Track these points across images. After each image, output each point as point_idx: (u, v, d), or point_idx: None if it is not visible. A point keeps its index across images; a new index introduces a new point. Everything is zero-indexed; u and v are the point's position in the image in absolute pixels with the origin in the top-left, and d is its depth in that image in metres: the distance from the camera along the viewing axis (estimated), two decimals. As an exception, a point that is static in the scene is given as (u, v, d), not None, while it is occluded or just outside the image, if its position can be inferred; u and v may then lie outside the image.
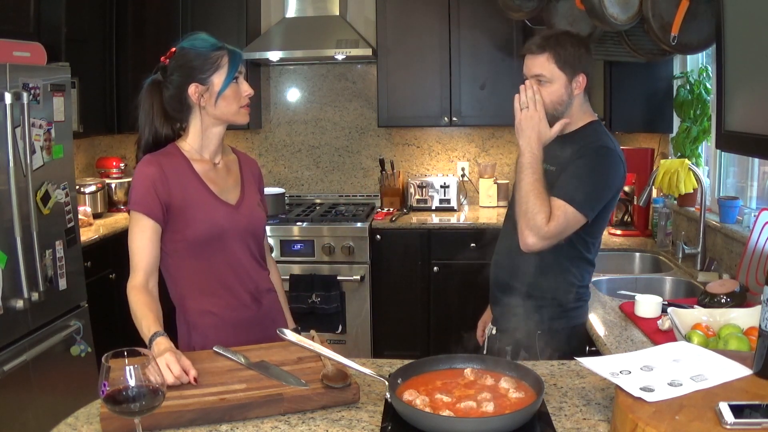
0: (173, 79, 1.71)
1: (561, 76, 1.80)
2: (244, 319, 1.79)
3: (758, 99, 1.63)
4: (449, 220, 3.96)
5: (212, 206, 1.74)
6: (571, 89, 1.82)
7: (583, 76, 1.83)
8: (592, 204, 1.76)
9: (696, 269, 2.60)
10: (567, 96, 1.82)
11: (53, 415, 1.49)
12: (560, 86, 1.81)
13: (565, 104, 1.83)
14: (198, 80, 1.69)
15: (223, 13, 4.05)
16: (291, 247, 3.81)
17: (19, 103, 2.49)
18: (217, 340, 1.66)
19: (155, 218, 1.67)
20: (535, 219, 1.73)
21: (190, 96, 1.70)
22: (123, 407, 1.08)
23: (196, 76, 1.69)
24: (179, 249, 1.73)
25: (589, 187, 1.76)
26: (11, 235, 2.48)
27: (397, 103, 4.07)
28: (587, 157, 1.79)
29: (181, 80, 1.70)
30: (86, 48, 3.80)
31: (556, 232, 1.74)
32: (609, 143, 1.82)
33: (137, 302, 1.63)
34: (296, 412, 1.33)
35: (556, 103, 1.81)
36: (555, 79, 1.80)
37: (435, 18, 3.97)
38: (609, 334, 1.92)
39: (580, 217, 1.75)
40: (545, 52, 1.80)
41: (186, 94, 1.70)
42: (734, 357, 1.26)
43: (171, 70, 1.71)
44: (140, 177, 1.70)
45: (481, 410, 1.25)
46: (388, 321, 3.90)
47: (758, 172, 2.56)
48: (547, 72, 1.80)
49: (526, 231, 1.75)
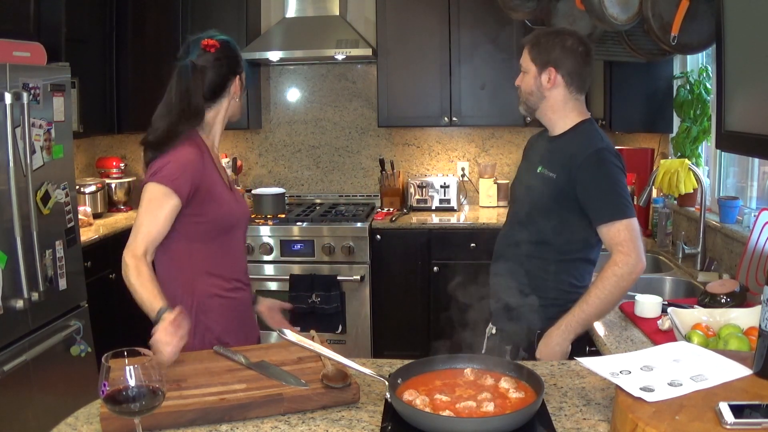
0: (220, 66, 1.79)
1: (532, 67, 1.91)
2: (244, 300, 1.90)
3: (758, 99, 1.63)
4: (449, 220, 3.96)
5: (228, 194, 1.84)
6: (540, 82, 1.90)
7: (553, 71, 1.88)
8: (626, 204, 1.81)
9: (696, 269, 2.60)
10: (536, 87, 1.91)
11: (53, 415, 1.48)
12: (530, 77, 1.92)
13: (536, 96, 1.92)
14: (240, 74, 1.84)
15: (223, 13, 4.05)
16: (291, 247, 3.81)
17: (19, 103, 2.49)
18: (224, 320, 1.80)
19: (181, 198, 1.69)
20: (622, 290, 1.79)
21: (232, 86, 1.82)
22: (123, 407, 1.08)
23: (240, 69, 1.84)
24: (199, 231, 1.77)
25: (612, 194, 1.81)
26: (11, 235, 2.48)
27: (397, 103, 4.08)
28: (591, 170, 1.82)
29: (227, 70, 1.80)
30: (86, 48, 3.80)
31: (635, 249, 1.77)
32: (599, 143, 1.86)
33: (143, 273, 1.63)
34: (296, 412, 1.33)
35: (527, 93, 1.94)
36: (528, 69, 1.93)
37: (435, 18, 3.97)
38: (609, 334, 1.92)
39: (631, 221, 1.79)
40: (527, 45, 1.94)
41: (229, 83, 1.81)
42: (734, 357, 1.26)
43: (218, 58, 1.78)
44: (180, 155, 1.71)
45: (481, 410, 1.25)
46: (388, 321, 3.90)
47: (758, 172, 2.56)
48: (523, 63, 1.95)
49: (631, 277, 1.79)
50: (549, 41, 1.90)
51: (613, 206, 1.80)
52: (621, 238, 1.78)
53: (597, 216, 1.82)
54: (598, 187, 1.82)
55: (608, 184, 1.82)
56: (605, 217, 1.80)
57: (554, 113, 1.93)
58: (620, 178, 1.84)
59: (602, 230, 1.82)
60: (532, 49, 1.91)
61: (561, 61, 1.88)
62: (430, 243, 3.83)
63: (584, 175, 1.82)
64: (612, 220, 1.79)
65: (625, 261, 1.77)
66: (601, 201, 1.81)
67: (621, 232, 1.78)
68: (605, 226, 1.80)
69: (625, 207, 1.80)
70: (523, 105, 1.97)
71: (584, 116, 1.94)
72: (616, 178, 1.82)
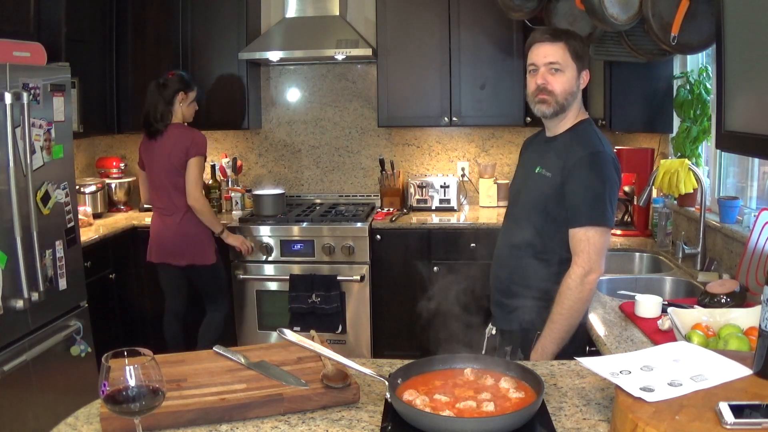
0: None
1: (573, 66, 1.86)
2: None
3: (758, 99, 1.63)
4: (449, 220, 3.96)
5: None
6: (579, 82, 1.89)
7: (587, 72, 1.90)
8: (605, 212, 1.80)
9: (696, 269, 2.60)
10: (576, 87, 1.89)
11: (53, 415, 1.49)
12: (572, 76, 1.87)
13: (573, 95, 1.89)
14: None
15: (223, 13, 4.05)
16: (291, 247, 3.81)
17: (19, 103, 2.49)
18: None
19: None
20: (581, 300, 1.81)
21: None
22: (123, 407, 1.08)
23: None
24: None
25: (596, 200, 1.80)
26: (11, 235, 2.48)
27: (397, 103, 4.07)
28: (581, 172, 1.81)
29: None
30: (86, 48, 3.80)
31: (595, 260, 1.78)
32: (597, 146, 1.85)
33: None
34: (296, 412, 1.33)
35: (567, 93, 1.87)
36: (568, 68, 1.86)
37: (435, 18, 3.97)
38: (609, 334, 1.92)
39: (604, 230, 1.79)
40: (561, 42, 1.86)
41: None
42: (734, 357, 1.26)
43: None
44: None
45: (481, 410, 1.25)
46: (388, 321, 3.90)
47: (758, 172, 2.56)
48: (561, 60, 1.85)
49: (585, 287, 1.81)
50: (579, 41, 1.88)
51: (592, 211, 1.79)
52: (582, 247, 1.79)
53: (573, 218, 1.81)
54: (583, 190, 1.81)
55: (595, 188, 1.80)
56: (580, 221, 1.80)
57: (567, 113, 1.92)
58: (610, 185, 1.82)
59: (571, 232, 1.81)
60: (572, 50, 1.85)
61: (590, 65, 1.90)
62: (430, 243, 3.83)
63: (574, 175, 1.82)
64: (586, 225, 1.78)
65: (577, 272, 1.78)
66: (583, 204, 1.80)
67: (585, 241, 1.78)
68: (576, 229, 1.80)
69: (603, 214, 1.79)
70: (554, 105, 1.87)
71: (583, 116, 1.93)
72: (607, 184, 1.81)
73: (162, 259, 3.39)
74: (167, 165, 3.29)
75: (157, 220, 3.42)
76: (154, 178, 3.37)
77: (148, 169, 3.41)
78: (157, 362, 1.11)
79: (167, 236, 3.35)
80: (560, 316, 1.80)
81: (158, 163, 3.32)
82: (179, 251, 3.35)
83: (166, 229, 3.36)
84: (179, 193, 3.31)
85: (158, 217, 3.41)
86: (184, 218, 3.34)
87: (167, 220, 3.36)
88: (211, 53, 4.08)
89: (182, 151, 3.26)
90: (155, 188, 3.38)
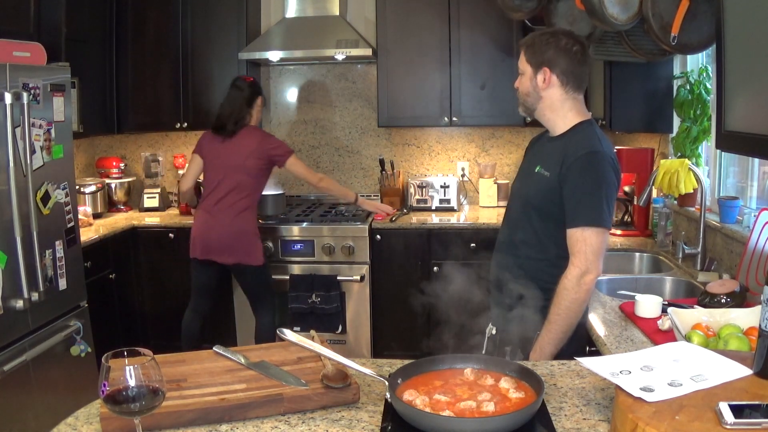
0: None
1: (527, 68, 1.93)
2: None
3: (758, 99, 1.63)
4: (449, 220, 3.96)
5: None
6: (536, 82, 1.91)
7: (547, 71, 1.89)
8: (603, 212, 1.79)
9: (696, 269, 2.60)
10: (532, 88, 1.93)
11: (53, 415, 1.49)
12: (527, 78, 1.94)
13: (533, 96, 1.93)
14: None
15: (223, 13, 4.05)
16: (291, 247, 3.81)
17: (19, 103, 2.49)
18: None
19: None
20: (578, 301, 1.80)
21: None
22: (123, 407, 1.08)
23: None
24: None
25: (593, 200, 1.79)
26: (11, 235, 2.48)
27: (397, 103, 4.08)
28: (579, 172, 1.81)
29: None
30: (86, 48, 3.80)
31: (592, 260, 1.77)
32: (597, 145, 1.84)
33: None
34: (296, 412, 1.33)
35: (524, 94, 1.96)
36: (524, 71, 1.95)
37: (435, 18, 3.97)
38: (609, 334, 1.92)
39: (601, 231, 1.79)
40: (522, 47, 1.97)
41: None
42: (734, 357, 1.26)
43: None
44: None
45: (481, 410, 1.25)
46: (388, 321, 3.90)
47: (758, 172, 2.56)
48: (520, 65, 1.96)
49: (582, 287, 1.80)
50: (543, 42, 1.90)
51: (588, 212, 1.79)
52: (579, 248, 1.78)
53: (570, 218, 1.81)
54: (581, 190, 1.80)
55: (592, 188, 1.80)
56: (577, 221, 1.79)
57: (552, 113, 1.93)
58: (607, 185, 1.81)
59: (568, 233, 1.81)
60: (527, 51, 1.93)
61: (555, 61, 1.88)
62: (430, 243, 3.83)
63: (572, 175, 1.81)
64: (582, 225, 1.78)
65: (573, 273, 1.78)
66: (579, 204, 1.80)
67: (582, 241, 1.78)
68: (573, 229, 1.80)
69: (599, 215, 1.78)
70: (522, 106, 1.99)
71: (584, 116, 1.93)
72: (604, 184, 1.80)
73: (207, 256, 3.36)
74: (238, 164, 3.31)
75: (206, 216, 3.38)
76: (216, 176, 3.36)
77: (210, 167, 3.40)
78: (157, 362, 1.11)
79: (219, 233, 3.32)
80: (557, 317, 1.80)
81: (226, 163, 3.33)
82: (228, 249, 3.33)
83: (217, 225, 3.33)
84: (238, 192, 3.32)
85: (207, 214, 3.37)
86: (239, 217, 3.33)
87: (220, 217, 3.33)
88: (211, 53, 4.08)
89: (262, 155, 3.35)
90: (212, 185, 3.37)
